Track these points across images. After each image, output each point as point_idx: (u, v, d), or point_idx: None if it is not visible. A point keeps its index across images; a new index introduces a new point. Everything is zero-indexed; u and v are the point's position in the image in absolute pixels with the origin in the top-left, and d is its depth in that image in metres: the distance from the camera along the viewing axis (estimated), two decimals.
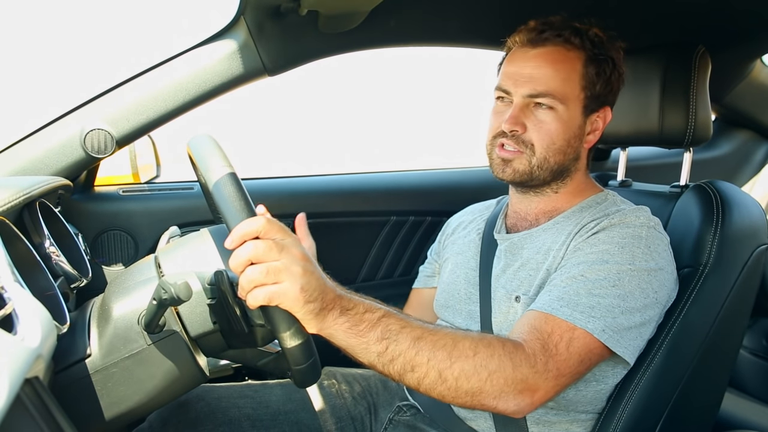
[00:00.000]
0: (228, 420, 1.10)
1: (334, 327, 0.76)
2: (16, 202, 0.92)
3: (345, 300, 0.78)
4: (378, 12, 1.21)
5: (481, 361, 0.81)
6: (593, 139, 1.09)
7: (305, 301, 0.72)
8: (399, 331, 0.79)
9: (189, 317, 0.83)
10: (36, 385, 0.56)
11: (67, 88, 7.62)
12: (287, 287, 0.71)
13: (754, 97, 1.83)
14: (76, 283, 1.03)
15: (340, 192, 1.78)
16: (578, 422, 1.02)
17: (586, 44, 1.03)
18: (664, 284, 0.96)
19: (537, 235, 1.09)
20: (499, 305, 1.07)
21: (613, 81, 1.07)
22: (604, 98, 1.07)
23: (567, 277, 0.94)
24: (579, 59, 1.03)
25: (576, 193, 1.12)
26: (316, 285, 0.73)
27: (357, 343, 0.77)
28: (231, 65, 1.34)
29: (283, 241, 0.72)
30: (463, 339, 0.82)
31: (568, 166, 1.08)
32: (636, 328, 0.93)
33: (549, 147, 1.03)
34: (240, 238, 0.71)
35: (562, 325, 0.88)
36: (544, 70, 1.02)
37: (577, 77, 1.03)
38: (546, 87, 1.01)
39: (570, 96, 1.03)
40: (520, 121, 1.03)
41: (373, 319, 0.78)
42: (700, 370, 1.05)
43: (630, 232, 0.96)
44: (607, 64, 1.05)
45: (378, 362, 0.79)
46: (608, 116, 1.09)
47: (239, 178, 0.76)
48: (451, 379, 0.80)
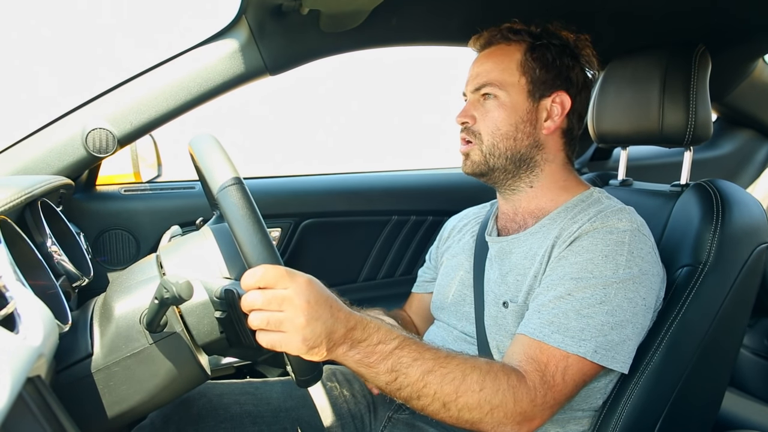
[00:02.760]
0: (229, 417, 1.10)
1: (343, 359, 0.78)
2: (17, 202, 0.92)
3: (358, 331, 0.78)
4: (380, 11, 1.21)
5: (486, 396, 0.83)
6: (553, 125, 1.10)
7: (308, 348, 0.74)
8: (410, 365, 0.81)
9: (196, 327, 0.84)
10: (38, 383, 0.56)
11: (68, 87, 7.63)
12: (289, 338, 0.73)
13: (755, 96, 1.83)
14: (78, 282, 1.03)
15: (342, 191, 1.78)
16: (575, 420, 1.02)
17: (524, 36, 1.10)
18: (651, 288, 0.97)
19: (524, 240, 1.09)
20: (489, 309, 1.08)
21: (561, 66, 1.10)
22: (552, 82, 1.09)
23: (554, 297, 0.94)
24: (518, 50, 1.10)
25: (558, 191, 1.12)
26: (321, 330, 0.74)
27: (366, 372, 0.80)
28: (232, 64, 1.34)
29: (285, 291, 0.73)
30: (472, 372, 0.84)
31: (528, 154, 1.10)
32: (629, 339, 0.93)
33: (495, 132, 1.09)
34: (247, 287, 0.73)
35: (556, 354, 0.90)
36: (486, 65, 1.11)
37: (514, 65, 1.09)
38: (487, 78, 1.10)
39: (508, 82, 1.09)
40: (470, 113, 1.11)
41: (385, 352, 0.80)
42: (700, 369, 1.05)
43: (613, 238, 0.96)
44: (549, 50, 1.09)
45: (386, 388, 0.82)
46: (566, 101, 1.10)
47: (253, 206, 0.77)
48: (455, 410, 0.83)
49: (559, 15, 1.14)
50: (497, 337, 1.05)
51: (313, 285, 0.75)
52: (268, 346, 0.73)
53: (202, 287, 0.82)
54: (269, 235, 0.78)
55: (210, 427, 1.07)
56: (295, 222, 1.71)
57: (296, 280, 0.74)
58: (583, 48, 1.12)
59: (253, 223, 0.76)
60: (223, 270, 0.87)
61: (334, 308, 0.76)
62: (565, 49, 1.10)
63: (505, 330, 1.04)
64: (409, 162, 2.52)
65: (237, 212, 0.76)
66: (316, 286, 0.76)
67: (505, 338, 1.04)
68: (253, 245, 0.75)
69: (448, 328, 1.18)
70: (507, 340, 1.03)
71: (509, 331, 1.03)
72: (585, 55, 1.12)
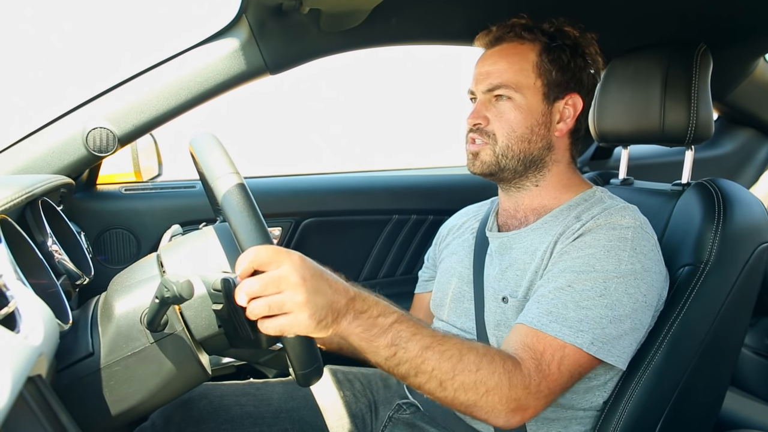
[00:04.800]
0: (230, 418, 1.10)
1: (347, 331, 0.78)
2: (18, 201, 0.92)
3: (359, 302, 0.78)
4: (380, 10, 1.21)
5: (482, 377, 0.83)
6: (565, 127, 1.09)
7: (317, 322, 0.73)
8: (409, 339, 0.81)
9: (194, 320, 0.84)
10: (39, 383, 0.56)
11: (69, 86, 7.63)
12: (295, 318, 0.72)
13: (756, 95, 1.83)
14: (79, 282, 1.03)
15: (342, 191, 1.78)
16: (577, 420, 1.02)
17: (538, 36, 1.08)
18: (653, 285, 0.96)
19: (525, 235, 1.09)
20: (489, 304, 1.08)
21: (575, 68, 1.08)
22: (566, 84, 1.08)
23: (554, 288, 0.94)
24: (532, 50, 1.08)
25: (562, 189, 1.12)
26: (324, 302, 0.73)
27: (367, 347, 0.80)
28: (233, 63, 1.34)
29: (279, 270, 0.71)
30: (469, 353, 0.84)
31: (539, 155, 1.09)
32: (626, 334, 0.93)
33: (510, 135, 1.07)
34: (242, 272, 0.72)
35: (553, 344, 0.90)
36: (499, 65, 1.08)
37: (530, 66, 1.07)
38: (501, 79, 1.07)
39: (524, 84, 1.06)
40: (482, 114, 1.08)
41: (384, 325, 0.80)
42: (701, 368, 1.05)
43: (616, 234, 0.96)
44: (564, 51, 1.08)
45: (385, 364, 0.81)
46: (578, 103, 1.09)
47: (248, 195, 0.77)
48: (451, 389, 0.83)
49: (559, 14, 1.13)
50: (497, 333, 1.05)
51: (306, 260, 0.75)
52: (275, 333, 0.72)
53: (200, 281, 0.81)
54: (262, 218, 0.77)
55: (211, 428, 1.07)
56: (295, 221, 1.71)
57: (288, 257, 0.72)
58: (589, 46, 1.11)
59: (245, 207, 0.76)
60: (223, 267, 0.87)
61: (330, 281, 0.76)
62: (577, 50, 1.09)
63: (505, 326, 1.04)
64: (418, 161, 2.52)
65: (230, 197, 0.76)
66: (308, 261, 0.75)
67: (505, 334, 1.03)
68: (245, 228, 0.75)
69: (447, 326, 1.18)
70: (506, 336, 1.03)
71: (509, 327, 1.02)
72: (590, 54, 1.11)
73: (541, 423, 1.01)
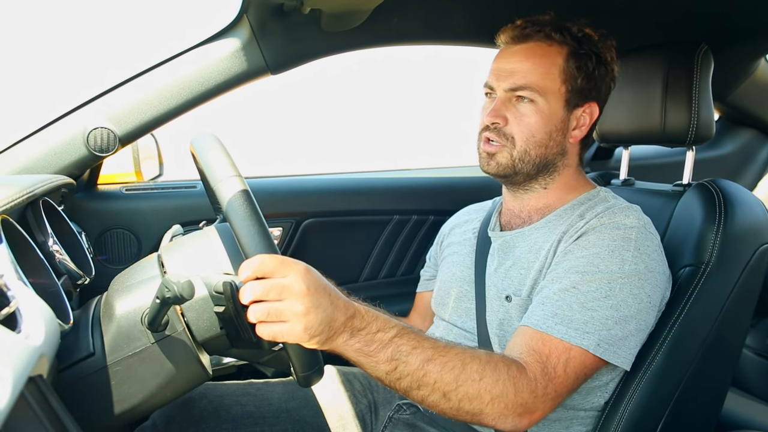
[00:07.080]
0: (231, 417, 1.10)
1: (344, 348, 0.77)
2: (19, 201, 0.92)
3: (357, 320, 0.78)
4: (381, 10, 1.21)
5: (486, 386, 0.82)
6: (579, 135, 1.09)
7: (310, 336, 0.73)
8: (409, 353, 0.80)
9: (196, 322, 0.84)
10: (40, 383, 0.56)
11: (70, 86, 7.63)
12: (290, 327, 0.72)
13: (758, 95, 1.83)
14: (80, 282, 1.03)
15: (343, 191, 1.78)
16: (578, 420, 1.02)
17: (567, 39, 1.05)
18: (657, 286, 0.96)
19: (529, 234, 1.09)
20: (491, 303, 1.07)
21: (598, 76, 1.07)
22: (588, 93, 1.07)
23: (559, 289, 0.94)
24: (560, 54, 1.05)
25: (567, 190, 1.11)
26: (322, 318, 0.73)
27: (366, 361, 0.79)
28: (233, 64, 1.34)
29: (283, 280, 0.71)
30: (472, 362, 0.83)
31: (552, 160, 1.08)
32: (632, 335, 0.93)
33: (529, 139, 1.05)
34: (245, 278, 0.72)
35: (559, 346, 0.89)
36: (524, 65, 1.04)
37: (557, 71, 1.04)
38: (525, 80, 1.03)
39: (550, 89, 1.04)
40: (502, 113, 1.05)
41: (384, 340, 0.79)
42: (702, 369, 1.05)
43: (620, 234, 0.96)
44: (590, 59, 1.05)
45: (386, 379, 0.80)
46: (595, 112, 1.09)
47: (251, 201, 0.77)
48: (455, 400, 0.82)
49: (559, 14, 1.13)
50: (499, 333, 1.05)
51: (311, 272, 0.74)
52: (269, 338, 0.72)
53: (201, 283, 0.81)
54: (267, 225, 0.77)
55: (211, 428, 1.07)
56: (296, 221, 1.71)
57: (294, 267, 0.73)
58: (609, 53, 1.08)
59: (250, 214, 0.76)
60: (224, 267, 0.87)
61: (332, 296, 0.76)
62: (600, 58, 1.06)
63: (509, 325, 1.03)
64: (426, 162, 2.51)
65: (234, 203, 0.76)
66: (314, 273, 0.75)
67: (507, 333, 1.03)
68: (250, 236, 0.75)
69: (448, 326, 1.17)
70: (510, 336, 1.02)
71: (512, 326, 1.02)
72: (610, 62, 1.08)
73: (542, 423, 1.00)
